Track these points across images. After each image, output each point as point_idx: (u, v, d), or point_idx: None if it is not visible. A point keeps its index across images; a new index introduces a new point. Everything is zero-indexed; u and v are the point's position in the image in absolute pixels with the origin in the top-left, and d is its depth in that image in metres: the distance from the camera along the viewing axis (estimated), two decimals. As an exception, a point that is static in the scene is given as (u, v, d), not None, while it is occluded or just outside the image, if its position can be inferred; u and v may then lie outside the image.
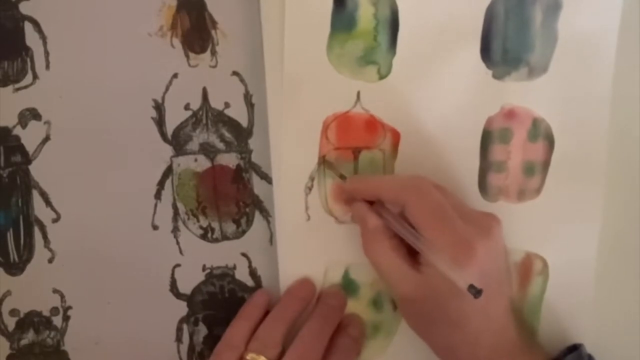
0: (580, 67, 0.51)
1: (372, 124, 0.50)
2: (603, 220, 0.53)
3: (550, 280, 0.53)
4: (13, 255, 0.50)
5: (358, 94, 0.50)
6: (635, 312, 0.55)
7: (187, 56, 0.50)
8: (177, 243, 0.51)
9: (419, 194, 0.46)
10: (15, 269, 0.50)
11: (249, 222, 0.52)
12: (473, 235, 0.45)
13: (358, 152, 0.51)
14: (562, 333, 0.53)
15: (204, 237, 0.52)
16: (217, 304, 0.52)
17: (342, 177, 0.50)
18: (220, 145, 0.51)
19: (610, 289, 0.54)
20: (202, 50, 0.50)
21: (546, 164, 0.52)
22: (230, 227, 0.52)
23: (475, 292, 0.42)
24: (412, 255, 0.47)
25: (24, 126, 0.49)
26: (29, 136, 0.49)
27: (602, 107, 0.51)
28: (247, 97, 0.51)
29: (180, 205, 0.51)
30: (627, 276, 0.55)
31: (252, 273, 0.52)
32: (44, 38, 0.48)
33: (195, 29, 0.50)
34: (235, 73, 0.50)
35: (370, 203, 0.48)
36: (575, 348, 0.51)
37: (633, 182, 0.54)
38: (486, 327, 0.47)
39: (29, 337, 0.51)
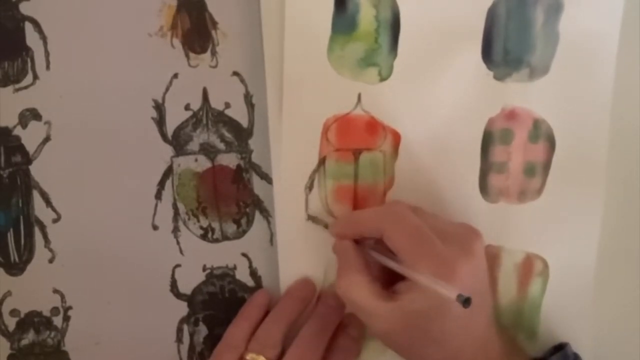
0: (582, 69, 0.51)
1: (373, 125, 0.50)
2: (603, 220, 0.53)
3: (550, 281, 0.53)
4: (13, 256, 0.50)
5: (359, 96, 0.50)
6: (635, 312, 0.55)
7: (188, 56, 0.50)
8: (178, 243, 0.51)
9: (395, 220, 0.46)
10: (15, 269, 0.50)
11: (249, 222, 0.52)
12: (454, 254, 0.45)
13: (358, 153, 0.51)
14: (562, 333, 0.53)
15: (204, 237, 0.52)
16: (217, 304, 0.52)
17: (326, 227, 0.51)
18: (221, 146, 0.51)
19: (610, 289, 0.54)
20: (203, 50, 0.50)
21: (547, 165, 0.52)
22: (230, 227, 0.52)
23: (464, 300, 0.41)
24: (388, 287, 0.46)
25: (24, 126, 0.49)
26: (29, 136, 0.49)
27: (603, 108, 0.51)
28: (248, 98, 0.51)
29: (180, 206, 0.51)
30: (627, 276, 0.55)
31: (253, 273, 0.52)
32: (44, 38, 0.48)
33: (195, 29, 0.49)
34: (235, 73, 0.50)
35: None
36: (561, 347, 0.51)
37: (633, 183, 0.54)
38: (468, 342, 0.46)
39: (30, 337, 0.51)
